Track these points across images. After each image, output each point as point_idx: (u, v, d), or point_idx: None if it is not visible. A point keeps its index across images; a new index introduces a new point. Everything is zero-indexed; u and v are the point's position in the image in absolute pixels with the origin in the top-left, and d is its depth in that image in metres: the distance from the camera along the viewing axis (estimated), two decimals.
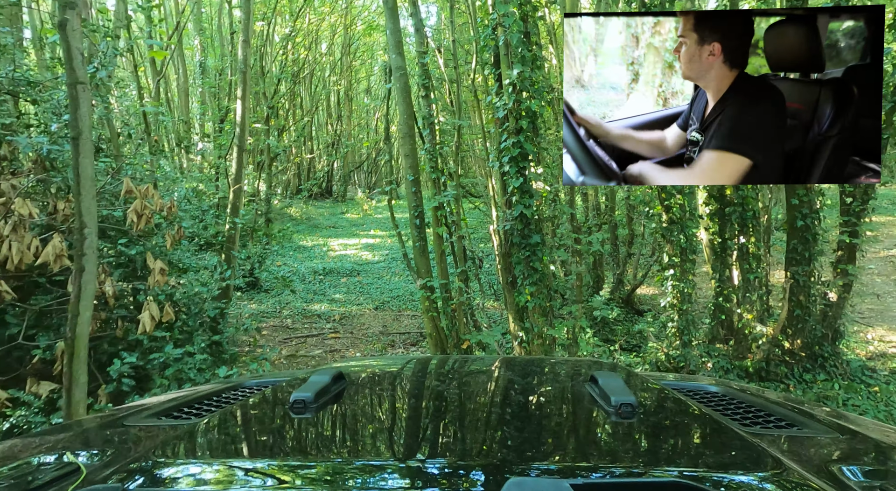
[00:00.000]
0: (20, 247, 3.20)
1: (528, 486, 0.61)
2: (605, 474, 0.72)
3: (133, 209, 3.53)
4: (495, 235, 5.64)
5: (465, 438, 0.90)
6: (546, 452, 0.84)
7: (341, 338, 8.50)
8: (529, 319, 4.88)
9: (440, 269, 5.61)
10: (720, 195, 5.80)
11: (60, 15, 2.28)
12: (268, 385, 1.39)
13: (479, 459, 0.80)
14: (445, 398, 1.18)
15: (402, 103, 5.25)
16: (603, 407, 1.01)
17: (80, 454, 0.91)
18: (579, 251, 6.30)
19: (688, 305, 5.69)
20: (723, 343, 5.95)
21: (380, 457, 0.84)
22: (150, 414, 1.15)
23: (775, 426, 1.04)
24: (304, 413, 0.99)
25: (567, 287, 6.67)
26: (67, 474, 0.77)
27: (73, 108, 2.33)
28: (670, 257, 5.76)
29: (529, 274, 4.84)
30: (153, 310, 3.47)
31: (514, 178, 4.79)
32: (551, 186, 5.95)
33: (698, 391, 1.33)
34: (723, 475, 0.74)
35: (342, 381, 1.19)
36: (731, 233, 5.82)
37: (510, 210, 4.94)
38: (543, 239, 4.91)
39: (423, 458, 0.82)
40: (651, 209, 5.93)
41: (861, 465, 0.87)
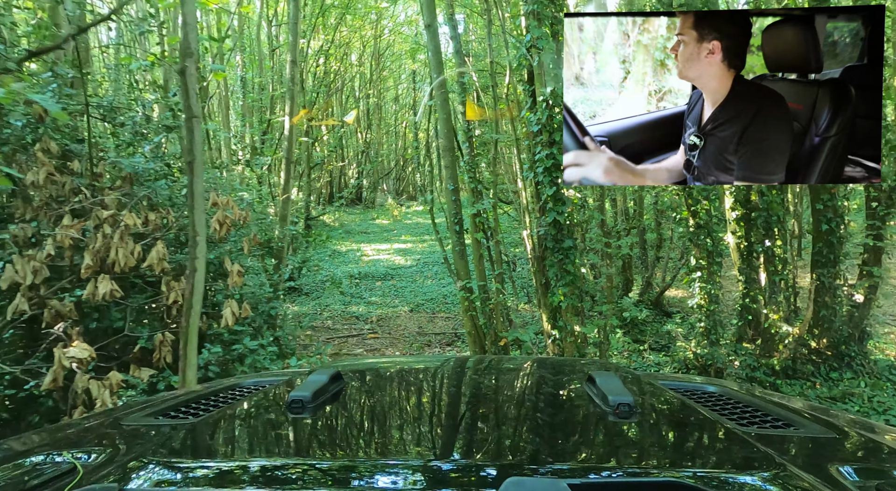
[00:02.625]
0: (125, 252, 3.75)
1: (526, 485, 0.62)
2: (603, 474, 0.73)
3: (216, 219, 4.06)
4: (528, 240, 6.02)
5: (463, 438, 0.90)
6: (544, 451, 0.86)
7: (380, 338, 8.98)
8: (563, 318, 5.24)
9: (478, 271, 6.03)
10: (746, 200, 6.05)
11: (182, 63, 2.79)
12: (265, 385, 1.40)
13: (476, 458, 0.81)
14: (442, 398, 1.21)
15: (443, 119, 5.71)
16: (601, 407, 1.02)
17: (77, 454, 0.90)
18: (609, 254, 6.62)
19: (715, 306, 5.95)
20: (750, 342, 6.18)
21: (377, 457, 0.85)
22: (148, 413, 1.16)
23: (772, 426, 1.04)
24: (302, 413, 0.99)
25: (597, 289, 6.99)
26: (64, 474, 0.78)
27: (188, 138, 2.83)
28: (697, 260, 6.04)
29: (562, 276, 5.21)
30: (233, 307, 3.97)
31: (548, 187, 5.17)
32: (581, 194, 6.30)
33: (696, 391, 1.34)
34: (720, 475, 0.75)
35: (340, 381, 1.20)
36: (756, 237, 6.07)
37: (544, 216, 5.32)
38: (575, 243, 5.27)
39: (420, 457, 0.83)
40: (678, 214, 6.22)
41: (858, 465, 0.88)
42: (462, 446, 0.87)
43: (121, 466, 0.78)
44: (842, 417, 1.20)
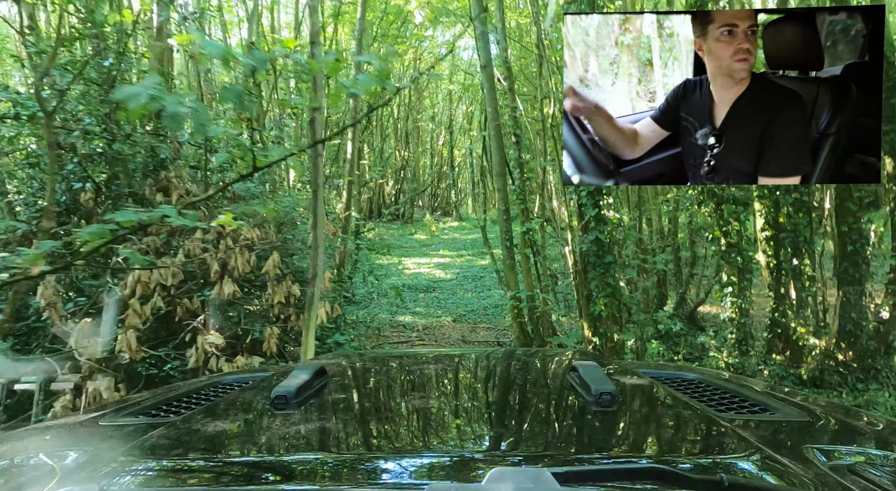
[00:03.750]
0: (243, 260, 4.59)
1: (510, 475, 0.62)
2: (586, 462, 0.74)
3: None
4: (571, 256, 6.67)
5: (447, 430, 0.91)
6: (528, 441, 0.86)
7: (427, 345, 9.69)
8: (603, 326, 5.85)
9: (527, 283, 6.70)
10: (774, 222, 6.56)
11: (310, 115, 3.61)
12: (248, 381, 1.40)
13: (461, 450, 0.82)
14: (426, 391, 1.20)
15: (496, 147, 6.47)
16: (583, 396, 1.03)
17: (55, 455, 0.89)
18: (646, 269, 7.19)
19: (745, 319, 6.45)
20: (779, 354, 6.63)
21: (361, 451, 0.84)
22: (127, 413, 1.15)
23: (749, 411, 1.07)
24: (286, 409, 0.99)
25: (634, 302, 7.54)
26: (42, 476, 0.76)
27: (314, 170, 3.64)
28: (729, 276, 6.55)
29: (603, 288, 5.83)
30: (326, 307, 4.75)
31: (591, 209, 5.83)
32: (619, 214, 6.92)
33: (676, 379, 1.37)
34: (699, 460, 0.77)
35: (324, 376, 1.20)
36: (785, 256, 6.55)
37: (586, 234, 5.96)
38: (615, 258, 5.90)
39: (403, 451, 0.83)
40: (711, 234, 6.77)
41: (832, 447, 0.90)
42: (445, 439, 0.88)
43: (100, 467, 0.76)
44: (817, 402, 1.24)
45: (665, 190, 9.13)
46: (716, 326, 8.89)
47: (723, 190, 6.43)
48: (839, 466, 0.79)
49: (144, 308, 4.23)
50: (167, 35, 5.47)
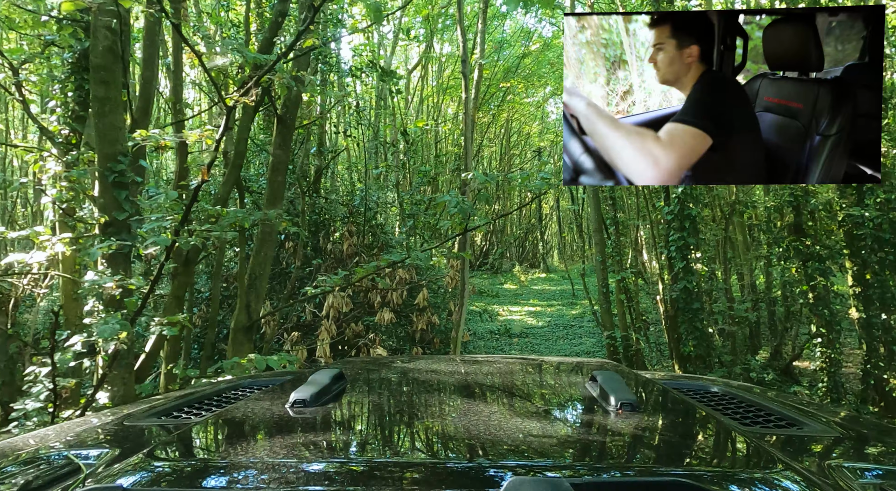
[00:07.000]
0: (398, 294, 6.05)
1: (529, 484, 0.61)
2: (606, 473, 0.72)
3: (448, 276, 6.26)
4: (661, 303, 7.51)
5: (466, 437, 0.89)
6: (547, 450, 0.85)
7: None
8: (692, 365, 6.59)
9: (622, 325, 7.61)
10: (861, 276, 7.02)
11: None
12: (268, 385, 1.41)
13: (479, 457, 0.81)
14: (445, 398, 1.20)
15: (594, 207, 7.63)
16: (603, 406, 1.02)
17: (81, 453, 0.91)
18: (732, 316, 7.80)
19: (835, 369, 6.86)
20: (874, 405, 6.89)
21: (378, 456, 0.84)
22: (151, 414, 1.18)
23: (776, 426, 1.05)
24: (304, 413, 1.00)
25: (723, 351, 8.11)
26: (68, 474, 0.79)
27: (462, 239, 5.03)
28: (818, 328, 7.05)
29: (692, 331, 6.62)
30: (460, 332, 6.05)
31: (679, 261, 6.74)
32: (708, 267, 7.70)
33: (699, 391, 1.34)
34: (722, 474, 0.75)
35: (342, 380, 1.21)
36: (874, 310, 6.95)
37: (676, 283, 6.84)
38: (703, 305, 6.70)
39: (422, 457, 0.84)
40: (799, 288, 7.33)
41: (861, 464, 0.88)
42: (464, 446, 0.86)
43: (124, 466, 0.78)
44: (844, 416, 1.20)
45: (756, 247, 9.66)
46: (813, 381, 9.03)
47: (807, 248, 7.07)
48: (870, 484, 0.77)
49: (332, 326, 5.77)
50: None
